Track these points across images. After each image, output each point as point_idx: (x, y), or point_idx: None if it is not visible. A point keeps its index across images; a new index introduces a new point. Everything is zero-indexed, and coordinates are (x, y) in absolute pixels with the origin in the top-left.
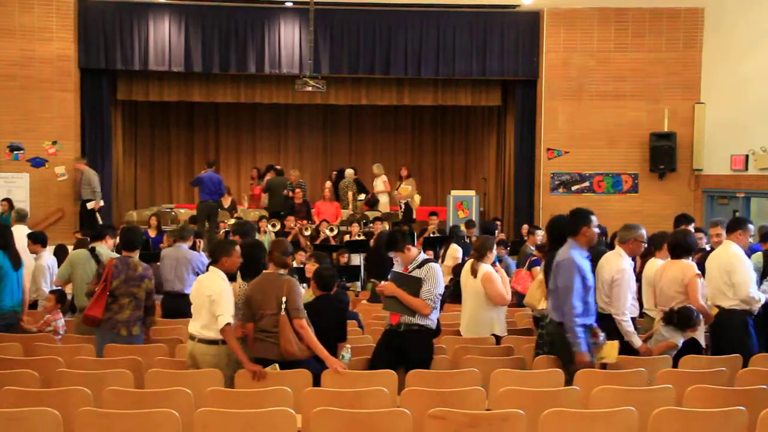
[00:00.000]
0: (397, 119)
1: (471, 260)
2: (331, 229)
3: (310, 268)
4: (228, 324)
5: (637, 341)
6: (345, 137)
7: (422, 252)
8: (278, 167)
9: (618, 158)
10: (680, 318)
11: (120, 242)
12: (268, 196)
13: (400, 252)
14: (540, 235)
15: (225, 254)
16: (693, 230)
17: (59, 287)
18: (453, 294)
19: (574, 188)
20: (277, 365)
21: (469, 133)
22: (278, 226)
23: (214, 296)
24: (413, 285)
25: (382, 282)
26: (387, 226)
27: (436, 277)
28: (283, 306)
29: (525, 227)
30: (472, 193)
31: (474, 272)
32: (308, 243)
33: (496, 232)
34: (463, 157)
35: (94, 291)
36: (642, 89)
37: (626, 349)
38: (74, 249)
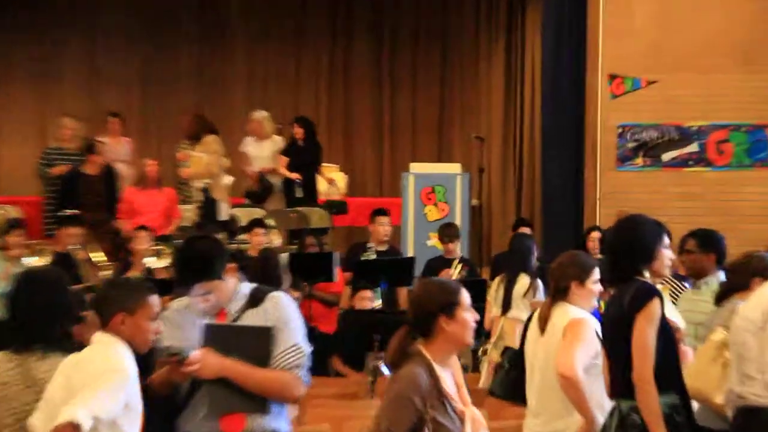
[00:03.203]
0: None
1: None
2: None
3: None
4: None
5: None
6: None
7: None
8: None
9: (755, 95)
10: None
11: None
12: None
13: (216, 280)
14: None
15: None
16: None
17: None
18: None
19: (665, 157)
20: None
21: (449, 47)
22: None
23: None
24: (254, 342)
25: (192, 353)
26: None
27: (293, 317)
28: None
29: (596, 234)
30: (453, 168)
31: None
32: None
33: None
34: (438, 93)
35: None
36: None
37: None
38: None
